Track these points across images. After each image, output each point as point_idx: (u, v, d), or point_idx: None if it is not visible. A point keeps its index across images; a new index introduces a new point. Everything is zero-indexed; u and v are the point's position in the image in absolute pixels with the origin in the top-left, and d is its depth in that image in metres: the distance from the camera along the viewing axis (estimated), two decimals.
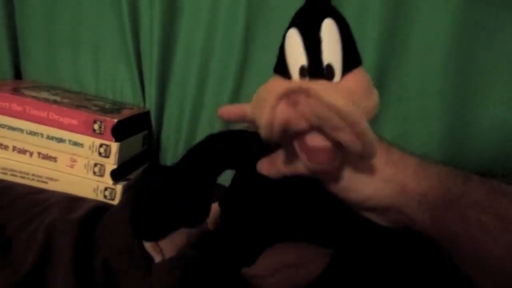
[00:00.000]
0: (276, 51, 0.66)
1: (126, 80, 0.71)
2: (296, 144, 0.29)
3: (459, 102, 0.60)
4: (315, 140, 0.27)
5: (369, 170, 0.30)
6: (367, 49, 0.59)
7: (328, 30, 0.28)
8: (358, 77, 0.28)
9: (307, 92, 0.25)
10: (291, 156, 0.32)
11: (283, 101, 0.26)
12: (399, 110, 0.62)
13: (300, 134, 0.28)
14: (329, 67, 0.28)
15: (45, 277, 0.39)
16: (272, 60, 0.65)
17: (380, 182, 0.30)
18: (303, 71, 0.28)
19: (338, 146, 0.27)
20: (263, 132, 0.27)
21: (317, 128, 0.26)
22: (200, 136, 0.71)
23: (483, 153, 0.61)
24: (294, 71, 0.29)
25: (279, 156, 0.34)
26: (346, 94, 0.26)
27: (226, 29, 0.64)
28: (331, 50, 0.28)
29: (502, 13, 0.56)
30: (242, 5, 0.63)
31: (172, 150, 0.73)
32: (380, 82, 0.61)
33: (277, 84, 0.29)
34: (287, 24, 0.68)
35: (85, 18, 0.70)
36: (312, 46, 0.28)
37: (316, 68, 0.28)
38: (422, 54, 0.59)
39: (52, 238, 0.44)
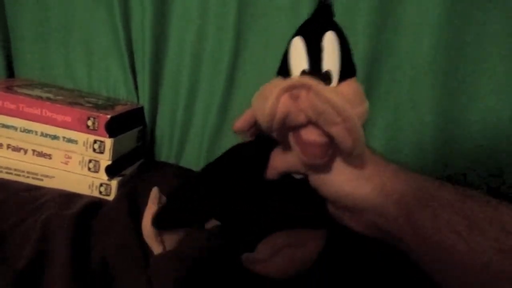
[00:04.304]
0: (267, 42, 0.68)
1: (119, 76, 0.71)
2: (291, 138, 0.32)
3: (450, 92, 0.61)
4: (310, 134, 0.30)
5: (351, 167, 0.32)
6: (358, 40, 0.59)
7: (330, 41, 0.31)
8: (352, 85, 0.32)
9: (309, 87, 0.28)
10: (286, 150, 0.35)
11: (286, 95, 0.29)
12: (391, 100, 0.62)
13: (296, 128, 0.31)
14: (327, 73, 0.31)
15: (41, 272, 0.39)
16: (264, 50, 0.67)
17: (359, 180, 0.32)
18: (304, 75, 0.31)
19: (330, 142, 0.30)
20: (264, 121, 0.30)
21: (313, 124, 0.29)
22: (194, 131, 0.72)
23: (474, 143, 0.61)
24: (296, 74, 0.32)
25: (274, 158, 0.37)
26: (341, 97, 0.29)
27: (218, 22, 0.65)
28: (331, 59, 0.31)
29: (491, 5, 0.57)
30: None
31: (167, 146, 0.74)
32: (372, 72, 0.61)
33: (281, 82, 0.32)
34: (278, 14, 0.69)
35: (77, 15, 0.70)
36: (314, 53, 0.31)
37: (316, 73, 0.31)
38: (412, 45, 0.60)
39: (48, 233, 0.44)
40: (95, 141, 0.56)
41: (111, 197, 0.57)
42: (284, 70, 0.33)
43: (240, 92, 0.68)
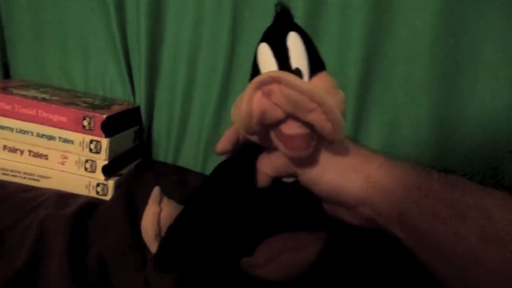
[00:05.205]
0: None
1: (115, 76, 0.71)
2: (273, 135, 0.32)
3: (447, 89, 0.60)
4: (291, 128, 0.30)
5: (338, 161, 0.33)
6: (353, 38, 0.59)
7: (293, 41, 0.33)
8: (323, 78, 0.33)
9: (279, 80, 0.28)
10: (271, 153, 0.36)
11: (259, 92, 0.29)
12: (388, 97, 0.62)
13: (276, 125, 0.31)
14: (298, 70, 0.32)
15: (38, 272, 0.39)
16: None
17: (347, 173, 0.32)
18: None
19: (311, 132, 0.30)
20: (243, 124, 0.30)
21: (291, 117, 0.30)
22: (191, 130, 0.72)
23: (472, 140, 0.61)
24: None
25: (261, 162, 0.37)
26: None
27: (213, 21, 0.64)
28: (298, 57, 0.33)
29: (489, 0, 0.56)
30: None
31: (164, 145, 0.74)
32: (368, 70, 0.61)
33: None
34: (273, 13, 0.69)
35: (72, 15, 0.70)
36: (281, 54, 0.33)
37: (286, 71, 0.31)
38: (408, 41, 0.60)
39: (45, 233, 0.44)
40: (91, 141, 0.56)
41: (108, 197, 0.57)
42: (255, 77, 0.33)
43: (236, 91, 0.68)
